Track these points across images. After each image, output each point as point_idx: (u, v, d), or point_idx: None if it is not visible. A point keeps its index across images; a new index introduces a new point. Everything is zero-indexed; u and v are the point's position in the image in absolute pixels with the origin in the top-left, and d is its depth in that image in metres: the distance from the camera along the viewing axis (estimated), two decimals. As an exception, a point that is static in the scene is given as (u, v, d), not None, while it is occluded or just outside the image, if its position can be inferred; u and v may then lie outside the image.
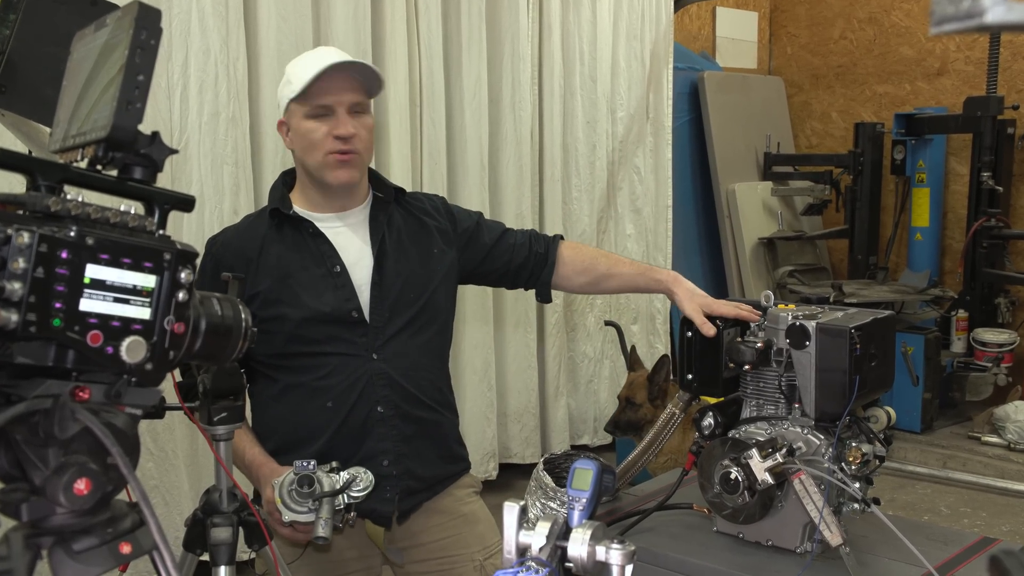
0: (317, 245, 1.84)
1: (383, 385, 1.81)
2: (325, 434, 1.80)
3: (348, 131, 1.76)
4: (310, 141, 1.79)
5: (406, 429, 1.83)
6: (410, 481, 1.85)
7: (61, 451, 0.78)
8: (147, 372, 0.84)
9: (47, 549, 0.81)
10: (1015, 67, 5.32)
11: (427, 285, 1.88)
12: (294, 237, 1.85)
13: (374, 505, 1.79)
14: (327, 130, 1.77)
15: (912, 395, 4.69)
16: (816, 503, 1.50)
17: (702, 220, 5.54)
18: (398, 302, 1.84)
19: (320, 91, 1.75)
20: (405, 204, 1.95)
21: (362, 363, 1.80)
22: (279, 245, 1.84)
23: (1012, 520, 3.89)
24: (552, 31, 4.31)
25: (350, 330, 1.81)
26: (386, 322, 1.83)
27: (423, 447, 1.87)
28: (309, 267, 1.82)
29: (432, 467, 1.89)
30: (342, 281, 1.82)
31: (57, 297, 0.77)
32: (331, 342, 1.80)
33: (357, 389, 1.80)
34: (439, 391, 1.92)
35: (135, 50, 0.82)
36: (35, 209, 0.79)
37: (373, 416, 1.81)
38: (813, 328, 1.58)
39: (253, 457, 1.79)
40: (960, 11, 0.43)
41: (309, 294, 1.80)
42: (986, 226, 4.90)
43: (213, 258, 1.86)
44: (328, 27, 3.43)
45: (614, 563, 0.99)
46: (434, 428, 1.89)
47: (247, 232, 1.88)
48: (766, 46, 6.33)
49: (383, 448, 1.81)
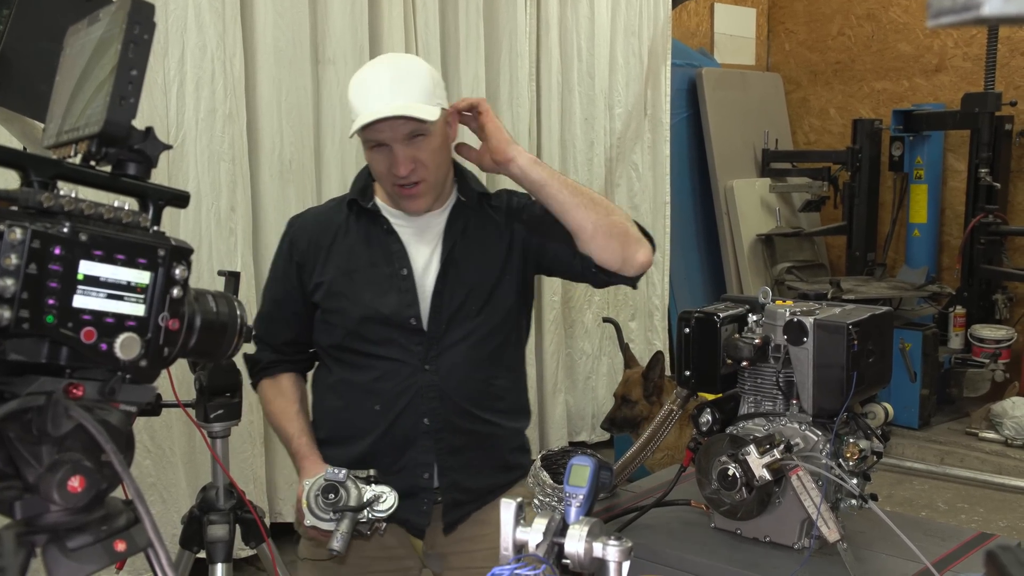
0: (389, 244, 1.80)
1: (432, 398, 1.76)
2: (370, 437, 1.77)
3: (402, 172, 1.69)
4: (376, 171, 1.76)
5: (455, 441, 1.78)
6: (456, 494, 1.80)
7: (55, 448, 0.78)
8: (141, 369, 0.83)
9: (41, 547, 0.80)
10: (1013, 63, 5.32)
11: (495, 295, 1.81)
12: (368, 231, 1.81)
13: (408, 515, 1.76)
14: (387, 165, 1.71)
15: (910, 391, 4.69)
16: (814, 499, 1.50)
17: (700, 217, 5.53)
18: (459, 313, 1.78)
19: (374, 128, 1.68)
20: (488, 208, 1.87)
21: (413, 372, 1.76)
22: (352, 237, 1.81)
23: (1009, 516, 3.90)
24: (550, 28, 4.31)
25: (407, 337, 1.76)
26: (443, 333, 1.78)
27: (474, 459, 1.81)
28: (378, 264, 1.79)
29: (483, 478, 1.82)
30: (407, 285, 1.77)
31: (50, 294, 0.76)
32: (386, 345, 1.76)
33: (405, 399, 1.76)
34: (500, 399, 1.84)
35: (128, 45, 0.82)
36: (28, 205, 0.78)
37: (419, 427, 1.76)
38: (811, 324, 1.58)
39: (299, 448, 1.78)
40: (957, 4, 0.42)
41: (372, 293, 1.77)
42: (984, 222, 4.91)
43: (289, 239, 1.86)
44: (326, 24, 3.43)
45: (611, 559, 0.99)
46: (487, 439, 1.82)
47: (325, 217, 1.86)
48: (764, 42, 6.32)
49: (425, 461, 1.77)
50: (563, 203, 1.73)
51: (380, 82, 1.70)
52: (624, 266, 1.76)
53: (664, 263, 4.91)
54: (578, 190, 1.76)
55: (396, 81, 1.69)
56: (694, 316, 1.71)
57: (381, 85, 1.69)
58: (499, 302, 1.81)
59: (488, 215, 1.86)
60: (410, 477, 1.73)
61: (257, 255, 3.30)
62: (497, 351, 1.83)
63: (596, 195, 1.80)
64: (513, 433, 1.89)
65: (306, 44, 3.36)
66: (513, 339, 1.87)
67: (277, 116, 3.30)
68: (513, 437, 1.89)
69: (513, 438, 1.89)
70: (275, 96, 3.29)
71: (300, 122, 3.36)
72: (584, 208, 1.73)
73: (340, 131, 3.48)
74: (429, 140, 1.70)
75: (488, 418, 1.81)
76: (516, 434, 1.90)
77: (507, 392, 1.87)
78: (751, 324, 1.71)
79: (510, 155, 1.74)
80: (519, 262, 1.84)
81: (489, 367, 1.82)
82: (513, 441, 1.89)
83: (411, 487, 1.74)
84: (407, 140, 1.68)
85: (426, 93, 1.69)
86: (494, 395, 1.83)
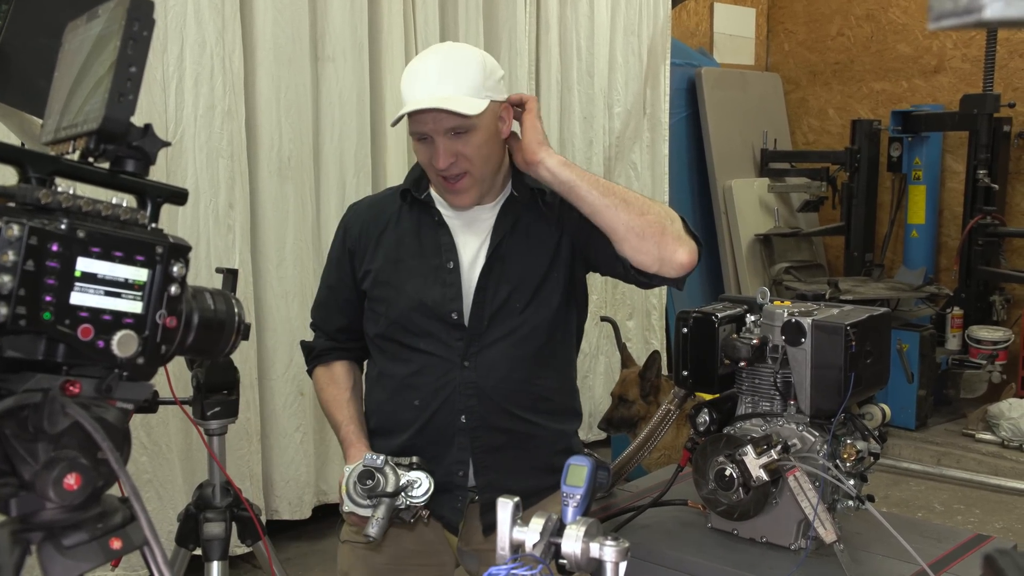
0: (439, 236, 1.78)
1: (470, 395, 1.74)
2: (409, 430, 1.77)
3: (441, 165, 1.68)
4: (421, 162, 1.76)
5: (493, 441, 1.75)
6: (493, 493, 1.70)
7: (51, 446, 0.78)
8: (139, 366, 0.83)
9: (36, 544, 0.80)
10: (1012, 65, 5.32)
11: (540, 294, 1.77)
12: (419, 220, 1.81)
13: (443, 512, 1.76)
14: (429, 157, 1.70)
15: (907, 392, 4.70)
16: (811, 500, 1.50)
17: (699, 216, 5.53)
18: (502, 309, 1.75)
19: (416, 119, 1.68)
20: (542, 205, 1.81)
21: (452, 368, 1.74)
22: (402, 227, 1.81)
23: (1005, 517, 3.90)
24: (549, 26, 4.31)
25: (447, 331, 1.74)
26: (485, 329, 1.75)
27: (514, 459, 1.77)
28: (426, 255, 1.78)
29: (523, 480, 1.74)
30: (452, 279, 1.75)
31: (47, 290, 0.76)
32: (426, 339, 1.75)
33: (443, 395, 1.74)
34: (545, 400, 1.80)
35: (127, 42, 0.81)
36: (25, 201, 0.78)
37: (455, 425, 1.74)
38: (809, 325, 1.58)
39: (346, 435, 1.78)
40: (959, 7, 0.42)
41: (416, 284, 1.76)
42: (981, 224, 4.91)
43: (344, 225, 1.87)
44: (325, 20, 3.42)
45: (608, 560, 0.99)
46: (528, 440, 1.78)
47: (379, 207, 1.87)
48: (763, 42, 6.32)
49: (460, 458, 1.75)
50: (593, 204, 1.67)
51: (428, 71, 1.69)
52: (663, 267, 1.69)
53: (662, 262, 4.91)
54: (610, 190, 1.70)
55: (444, 72, 1.67)
56: (692, 316, 1.71)
57: (428, 75, 1.68)
58: (545, 300, 1.77)
59: (540, 211, 1.81)
60: (445, 474, 1.73)
61: (255, 251, 3.30)
62: (542, 350, 1.78)
63: (631, 194, 1.72)
64: (558, 435, 1.83)
65: (305, 41, 3.35)
66: (560, 338, 1.83)
67: (276, 113, 3.30)
68: (558, 439, 1.83)
69: (558, 440, 1.83)
70: (274, 93, 3.28)
71: (299, 119, 3.36)
72: (615, 208, 1.67)
73: (339, 128, 3.48)
74: (474, 135, 1.67)
75: (529, 418, 1.77)
76: (561, 436, 1.84)
77: (553, 392, 1.82)
78: (749, 324, 1.71)
79: (538, 157, 1.70)
80: (567, 259, 1.80)
81: (532, 365, 1.77)
82: (558, 443, 1.82)
83: (446, 483, 1.73)
84: (450, 133, 1.66)
85: (474, 86, 1.65)
86: (537, 395, 1.78)
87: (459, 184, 1.71)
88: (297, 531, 3.52)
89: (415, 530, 1.80)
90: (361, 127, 3.53)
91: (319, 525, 3.54)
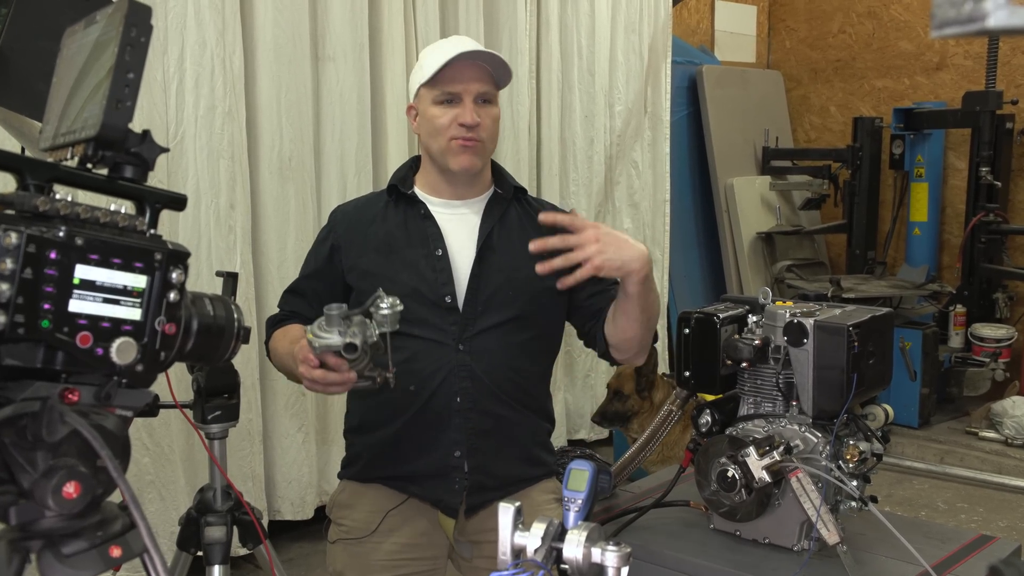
0: (425, 227, 1.86)
1: (464, 377, 1.80)
2: (404, 416, 1.81)
3: (472, 119, 1.79)
4: (435, 127, 1.82)
5: (483, 424, 1.81)
6: (481, 476, 1.82)
7: (50, 454, 0.78)
8: (138, 373, 0.83)
9: (36, 553, 0.80)
10: (1014, 62, 5.31)
11: (531, 288, 1.83)
12: (405, 215, 1.88)
13: (441, 495, 1.81)
14: (452, 117, 1.80)
15: (910, 390, 4.69)
16: (813, 501, 1.49)
17: (700, 215, 5.53)
18: (495, 297, 1.83)
19: (449, 78, 1.79)
20: (525, 204, 1.94)
21: (448, 352, 1.79)
22: (390, 222, 1.88)
23: (1009, 516, 3.89)
24: (550, 25, 4.30)
25: (442, 316, 1.80)
26: (479, 315, 1.82)
27: (501, 444, 1.84)
28: (414, 245, 1.84)
29: (508, 466, 1.85)
30: (442, 265, 1.82)
31: (46, 298, 0.76)
32: (421, 325, 1.79)
33: (439, 377, 1.79)
34: (526, 393, 1.87)
35: (125, 48, 0.81)
36: (23, 209, 0.78)
37: (451, 406, 1.80)
38: (811, 326, 1.58)
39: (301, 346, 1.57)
40: (962, 15, 0.42)
41: (409, 273, 1.82)
42: (984, 221, 4.90)
43: (330, 223, 1.94)
44: (325, 20, 3.42)
45: (610, 565, 0.99)
46: (513, 427, 1.85)
47: (366, 206, 1.94)
48: (765, 40, 6.31)
49: (456, 439, 1.80)
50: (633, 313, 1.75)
51: (461, 40, 1.88)
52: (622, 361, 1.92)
53: (663, 261, 4.90)
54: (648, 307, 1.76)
55: (474, 44, 1.86)
56: (694, 316, 1.70)
57: (462, 41, 1.86)
58: (534, 292, 1.84)
59: (525, 209, 1.93)
60: (442, 456, 1.78)
61: (256, 252, 3.29)
62: (529, 344, 1.86)
63: (655, 310, 1.80)
64: (537, 428, 1.92)
65: (306, 41, 3.35)
66: (546, 334, 1.92)
67: (277, 113, 3.29)
68: (537, 432, 1.92)
69: (537, 433, 1.92)
70: (275, 93, 3.28)
71: (300, 119, 3.35)
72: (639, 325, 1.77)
73: (340, 128, 3.48)
74: (492, 110, 1.84)
75: (514, 406, 1.85)
76: (540, 430, 1.93)
77: (534, 388, 1.91)
78: (751, 325, 1.71)
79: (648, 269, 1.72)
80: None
81: (520, 356, 1.85)
82: (538, 436, 1.93)
83: (443, 466, 1.79)
84: (479, 100, 1.81)
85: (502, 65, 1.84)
86: (521, 386, 1.86)
87: (474, 145, 1.81)
88: (299, 531, 3.52)
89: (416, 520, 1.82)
90: (362, 127, 3.53)
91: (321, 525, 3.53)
